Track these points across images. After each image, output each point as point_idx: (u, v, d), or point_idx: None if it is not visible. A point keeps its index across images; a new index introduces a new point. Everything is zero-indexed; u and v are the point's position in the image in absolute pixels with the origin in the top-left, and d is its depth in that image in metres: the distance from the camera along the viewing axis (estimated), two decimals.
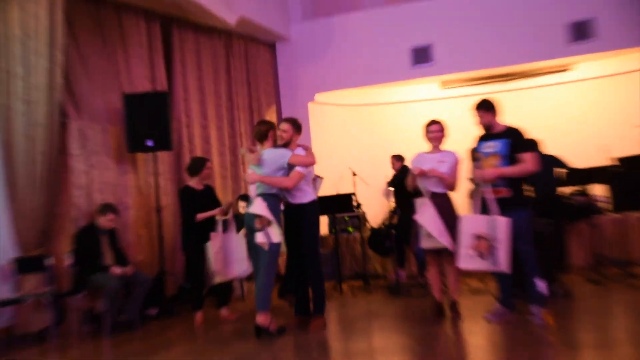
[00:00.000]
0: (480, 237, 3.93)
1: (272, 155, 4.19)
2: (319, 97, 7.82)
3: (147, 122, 5.46)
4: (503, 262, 3.89)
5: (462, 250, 3.98)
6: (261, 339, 4.03)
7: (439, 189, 4.30)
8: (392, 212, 6.13)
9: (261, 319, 4.04)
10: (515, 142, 4.03)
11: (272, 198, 4.16)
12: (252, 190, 4.21)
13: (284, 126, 4.33)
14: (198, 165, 4.94)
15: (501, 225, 3.90)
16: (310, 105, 7.73)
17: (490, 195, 3.97)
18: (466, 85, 7.85)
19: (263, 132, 4.25)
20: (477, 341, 3.70)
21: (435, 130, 4.38)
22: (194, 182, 4.94)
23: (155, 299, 5.29)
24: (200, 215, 4.77)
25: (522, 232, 3.97)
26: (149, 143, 5.45)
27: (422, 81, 7.67)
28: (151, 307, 5.25)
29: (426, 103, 8.16)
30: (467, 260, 3.96)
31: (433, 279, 4.39)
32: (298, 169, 4.18)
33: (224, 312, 4.94)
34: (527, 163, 3.97)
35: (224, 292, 4.95)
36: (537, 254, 3.97)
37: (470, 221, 4.00)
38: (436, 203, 4.24)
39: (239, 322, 4.69)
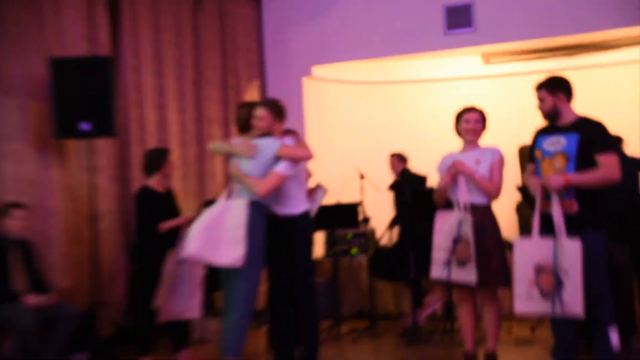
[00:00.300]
0: (542, 269, 3.90)
1: (260, 147, 4.27)
2: (318, 70, 7.81)
3: (82, 98, 5.42)
4: (574, 302, 3.79)
5: (519, 288, 3.94)
6: None
7: (478, 199, 4.27)
8: (390, 225, 6.09)
9: None
10: (590, 138, 3.92)
11: (255, 208, 4.18)
12: (235, 190, 4.25)
13: (260, 112, 4.38)
14: (158, 159, 5.03)
15: (571, 251, 3.82)
16: (305, 81, 7.74)
17: (557, 210, 3.88)
18: (517, 60, 7.84)
19: (245, 118, 4.29)
20: None
21: (471, 120, 4.34)
22: (154, 182, 5.04)
23: (84, 341, 5.26)
24: (165, 225, 4.83)
25: (593, 261, 3.87)
26: (84, 126, 5.43)
27: (458, 53, 7.66)
28: (78, 352, 5.21)
29: (462, 83, 8.17)
30: (526, 301, 3.92)
31: (464, 322, 4.37)
32: (279, 169, 4.23)
33: (184, 356, 4.96)
34: (608, 168, 3.86)
35: (181, 330, 4.95)
36: (612, 293, 3.91)
37: (528, 247, 3.95)
38: (474, 219, 4.22)
39: None
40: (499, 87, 7.96)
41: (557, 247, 3.84)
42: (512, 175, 4.32)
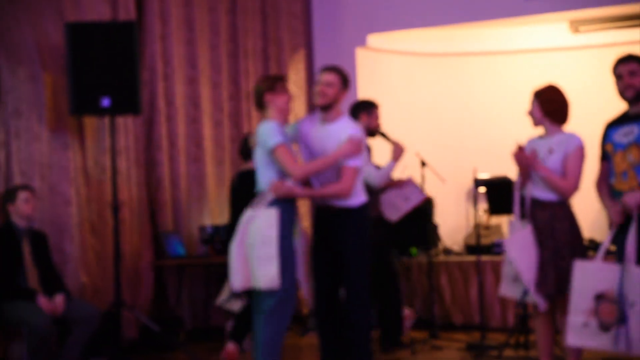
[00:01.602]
0: (604, 297, 3.84)
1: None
2: (373, 39, 7.78)
3: (102, 70, 5.47)
4: (636, 339, 3.75)
5: (574, 318, 3.89)
6: None
7: (546, 194, 4.21)
8: None
9: None
10: None
11: (289, 206, 4.20)
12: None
13: (329, 77, 4.39)
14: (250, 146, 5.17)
15: (638, 279, 3.76)
16: (359, 51, 7.70)
17: (632, 235, 3.80)
18: (612, 28, 7.64)
19: (257, 102, 4.31)
20: None
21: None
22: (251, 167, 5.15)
23: (105, 345, 5.34)
24: None
25: None
26: (105, 102, 5.48)
27: (541, 19, 7.51)
28: (98, 357, 5.29)
29: (545, 55, 8.00)
30: (581, 333, 3.87)
31: (540, 335, 4.33)
32: (353, 163, 4.29)
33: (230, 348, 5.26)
34: None
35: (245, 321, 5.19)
36: None
37: (590, 272, 3.89)
38: (540, 219, 4.18)
39: None
40: (589, 61, 7.77)
41: (624, 275, 3.78)
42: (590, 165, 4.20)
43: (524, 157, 4.19)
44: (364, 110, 5.60)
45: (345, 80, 4.43)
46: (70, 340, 4.90)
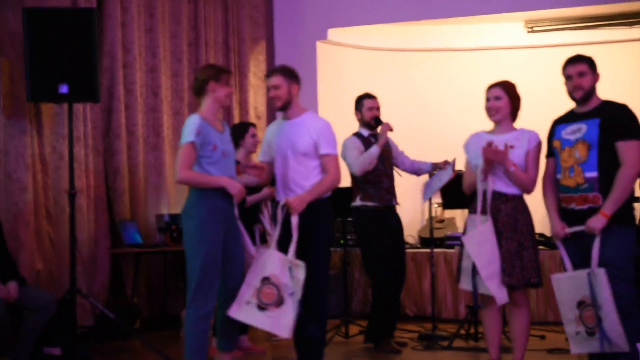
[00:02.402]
0: (583, 304, 3.97)
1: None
2: (334, 34, 7.80)
3: (60, 56, 5.41)
4: (615, 338, 3.87)
5: (568, 329, 4.06)
6: None
7: (510, 189, 4.28)
8: None
9: None
10: (612, 122, 3.95)
11: (213, 195, 4.28)
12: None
13: (274, 80, 4.44)
14: (240, 133, 5.34)
15: (600, 281, 3.89)
16: (319, 45, 7.72)
17: (596, 246, 3.92)
18: (565, 29, 7.76)
19: (198, 88, 4.32)
20: None
21: (490, 98, 4.35)
22: (239, 157, 5.24)
23: (59, 333, 5.28)
24: (250, 199, 5.06)
25: (619, 264, 3.92)
26: (63, 89, 5.41)
27: (497, 18, 7.59)
28: (53, 345, 5.25)
29: (501, 53, 8.08)
30: (579, 342, 4.02)
31: (489, 327, 4.38)
32: (331, 150, 4.42)
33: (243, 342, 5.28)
34: (630, 160, 3.89)
35: None
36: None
37: (566, 283, 4.04)
38: (504, 212, 4.24)
39: None
40: (543, 60, 7.88)
41: (591, 279, 3.91)
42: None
43: (495, 152, 4.20)
44: (356, 106, 5.77)
45: (292, 75, 4.44)
46: (25, 327, 4.84)
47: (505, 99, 4.32)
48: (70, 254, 5.46)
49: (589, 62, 4.08)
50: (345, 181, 6.17)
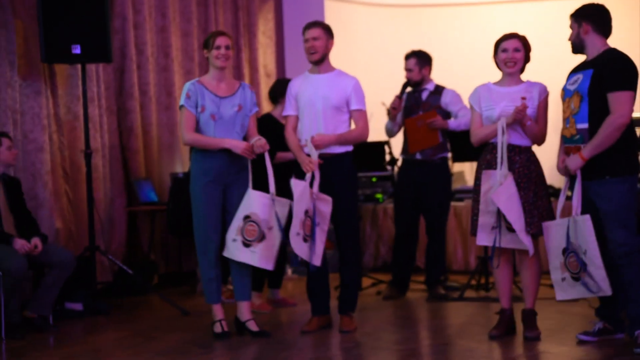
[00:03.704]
0: (566, 250, 4.03)
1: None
2: None
3: (73, 18, 5.43)
4: (600, 282, 3.94)
5: (554, 275, 4.12)
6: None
7: (523, 141, 4.29)
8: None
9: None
10: (605, 73, 3.93)
11: (202, 156, 4.54)
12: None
13: (314, 32, 4.57)
14: (282, 89, 5.20)
15: (583, 227, 3.95)
16: (327, 3, 7.66)
17: (577, 191, 3.99)
18: None
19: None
20: None
21: (509, 49, 4.31)
22: (277, 112, 5.36)
23: (79, 289, 5.37)
24: (280, 155, 5.11)
25: (617, 213, 3.94)
26: (76, 50, 5.45)
27: None
28: (74, 301, 5.34)
29: (506, 7, 8.00)
30: (563, 288, 4.09)
31: (500, 277, 4.42)
32: (362, 105, 4.59)
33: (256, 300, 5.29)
34: (618, 110, 3.88)
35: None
36: None
37: (553, 230, 4.10)
38: (519, 163, 4.26)
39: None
40: (548, 14, 7.81)
41: (570, 226, 3.98)
42: (559, 115, 4.27)
43: (524, 117, 4.19)
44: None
45: (330, 31, 4.59)
46: (45, 284, 4.92)
47: (522, 51, 4.32)
48: (88, 213, 5.54)
49: (575, 15, 4.08)
50: (374, 134, 6.22)
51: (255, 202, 4.40)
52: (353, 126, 4.71)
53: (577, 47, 4.11)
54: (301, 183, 4.40)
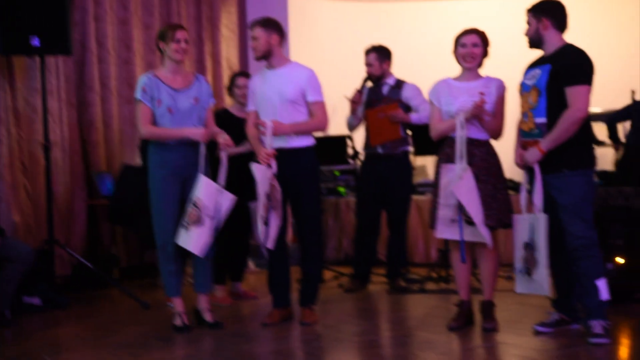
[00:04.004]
0: (528, 246, 4.08)
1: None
2: None
3: (31, 9, 5.38)
4: (541, 281, 4.02)
5: (517, 266, 4.15)
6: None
7: (481, 134, 4.33)
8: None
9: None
10: (562, 68, 3.99)
11: (160, 149, 4.52)
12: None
13: (254, 32, 4.57)
14: (230, 83, 5.36)
15: (539, 225, 4.01)
16: None
17: (538, 185, 4.02)
18: None
19: (157, 44, 4.56)
20: None
21: (468, 44, 4.35)
22: (234, 107, 5.39)
23: (38, 283, 5.32)
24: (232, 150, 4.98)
25: (576, 207, 3.99)
26: (35, 42, 5.40)
27: None
28: (32, 295, 5.30)
29: (469, 2, 8.06)
30: (521, 280, 4.13)
31: (459, 269, 4.45)
32: (318, 97, 4.56)
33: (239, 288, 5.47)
34: (575, 104, 3.94)
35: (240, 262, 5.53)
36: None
37: (518, 223, 4.15)
38: (479, 156, 4.30)
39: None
40: (509, 8, 7.88)
41: (534, 222, 4.03)
42: (516, 109, 4.32)
43: (482, 112, 4.23)
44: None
45: (270, 26, 4.54)
46: (2, 278, 4.86)
47: (481, 47, 4.35)
48: (47, 206, 5.48)
49: (534, 10, 4.11)
50: (337, 128, 6.23)
51: (202, 188, 4.38)
52: None
53: (535, 42, 4.15)
54: (261, 167, 4.42)
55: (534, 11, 4.13)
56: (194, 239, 4.35)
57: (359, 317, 5.02)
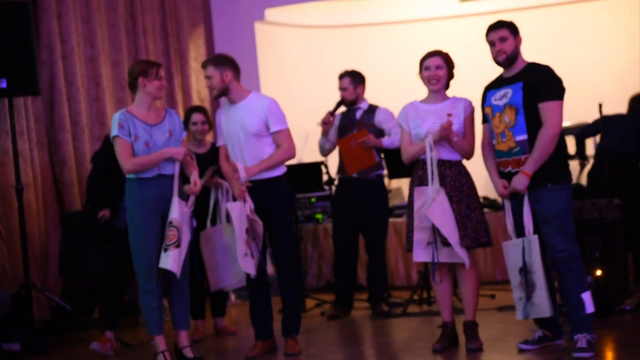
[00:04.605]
0: (523, 270, 4.09)
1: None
2: (271, 14, 7.78)
3: None
4: (541, 304, 4.04)
5: (514, 294, 4.18)
6: None
7: (452, 155, 4.35)
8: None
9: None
10: (534, 85, 4.03)
11: (140, 184, 4.47)
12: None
13: (206, 72, 4.57)
14: (185, 119, 5.30)
15: (532, 247, 4.04)
16: (257, 25, 7.69)
17: (527, 210, 4.05)
18: None
19: (130, 84, 4.52)
20: None
21: (431, 67, 4.38)
22: (191, 145, 5.26)
23: (17, 328, 5.23)
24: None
25: (558, 219, 4.02)
26: (2, 84, 5.35)
27: None
28: (11, 341, 5.19)
29: (436, 23, 8.15)
30: (521, 307, 4.15)
31: (440, 291, 4.45)
32: (281, 126, 4.52)
33: (220, 323, 5.40)
34: (550, 120, 3.98)
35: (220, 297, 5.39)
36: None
37: (509, 249, 4.16)
38: (450, 177, 4.31)
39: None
40: (474, 29, 7.96)
41: (525, 246, 4.05)
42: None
43: (450, 134, 4.24)
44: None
45: (222, 62, 4.52)
46: None
47: (445, 68, 4.38)
48: (22, 249, 5.39)
49: (510, 27, 4.13)
50: (310, 155, 6.22)
51: (176, 208, 4.35)
52: None
53: (512, 59, 4.13)
54: (237, 204, 4.41)
55: (511, 28, 4.13)
56: (173, 260, 4.31)
57: (343, 345, 4.98)
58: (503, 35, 4.12)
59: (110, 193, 5.14)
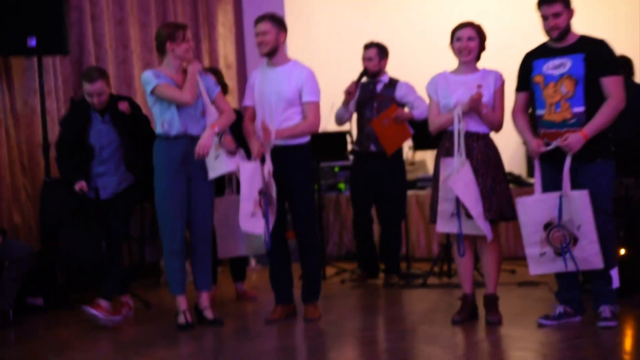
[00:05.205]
0: (550, 225, 4.03)
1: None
2: None
3: (28, 10, 5.35)
4: (592, 256, 3.98)
5: (531, 250, 4.12)
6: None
7: (480, 128, 4.32)
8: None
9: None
10: (596, 58, 4.00)
11: (165, 144, 4.53)
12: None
13: (262, 27, 4.51)
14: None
15: (581, 205, 3.97)
16: None
17: (567, 165, 3.99)
18: None
19: (158, 47, 4.50)
20: (523, 356, 3.75)
21: (463, 38, 4.33)
22: None
23: (40, 283, 5.30)
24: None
25: (601, 197, 4.01)
26: (32, 42, 5.38)
27: None
28: (35, 295, 5.27)
29: None
30: (541, 263, 4.10)
31: (462, 263, 4.44)
32: (313, 97, 4.51)
33: (240, 287, 5.44)
34: (617, 95, 3.96)
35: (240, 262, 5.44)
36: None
37: (534, 206, 4.09)
38: (478, 150, 4.28)
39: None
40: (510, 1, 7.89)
41: (563, 201, 3.99)
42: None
43: (481, 105, 4.22)
44: None
45: (280, 23, 4.53)
46: (4, 279, 4.84)
47: (477, 40, 4.33)
48: None
49: (564, 1, 4.08)
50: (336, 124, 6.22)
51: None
52: None
53: (565, 32, 4.09)
54: (250, 164, 4.42)
55: (564, 1, 4.07)
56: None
57: (362, 313, 5.01)
58: (557, 10, 4.06)
59: (80, 161, 4.91)
